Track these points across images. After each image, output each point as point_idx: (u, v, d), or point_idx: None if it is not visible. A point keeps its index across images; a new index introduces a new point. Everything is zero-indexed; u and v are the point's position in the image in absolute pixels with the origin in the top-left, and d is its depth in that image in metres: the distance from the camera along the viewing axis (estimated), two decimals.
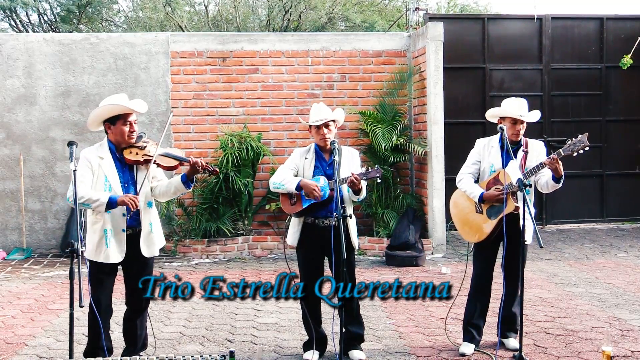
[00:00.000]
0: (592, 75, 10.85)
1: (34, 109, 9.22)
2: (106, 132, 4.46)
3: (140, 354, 4.68)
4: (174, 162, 4.46)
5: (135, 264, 4.48)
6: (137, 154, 4.39)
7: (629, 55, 9.97)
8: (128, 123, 4.39)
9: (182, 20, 17.50)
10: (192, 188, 4.50)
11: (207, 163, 4.45)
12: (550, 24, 10.68)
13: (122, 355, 4.62)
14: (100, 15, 18.68)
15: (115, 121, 4.38)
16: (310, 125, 4.88)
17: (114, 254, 4.37)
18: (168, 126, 4.60)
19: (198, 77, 9.42)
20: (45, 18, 18.74)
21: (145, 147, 4.44)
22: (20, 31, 18.35)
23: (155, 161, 4.38)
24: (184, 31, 16.59)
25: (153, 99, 9.33)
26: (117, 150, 4.43)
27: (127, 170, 4.43)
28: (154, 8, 17.48)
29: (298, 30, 16.66)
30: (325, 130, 4.81)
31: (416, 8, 13.61)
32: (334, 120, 4.86)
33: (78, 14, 17.70)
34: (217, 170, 4.52)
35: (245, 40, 9.55)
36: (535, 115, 4.94)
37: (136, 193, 4.38)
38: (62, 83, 9.25)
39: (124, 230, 4.37)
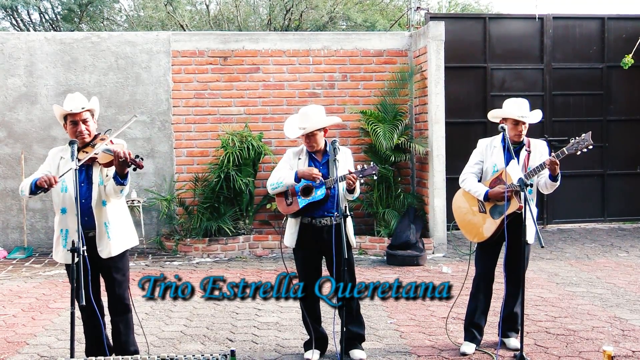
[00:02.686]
0: (594, 75, 10.85)
1: (35, 108, 9.23)
2: None
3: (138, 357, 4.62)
4: (110, 157, 4.16)
5: (101, 266, 4.39)
6: (86, 153, 4.26)
7: (630, 55, 9.96)
8: (72, 123, 4.32)
9: (184, 19, 17.52)
10: (124, 185, 4.18)
11: (133, 156, 4.06)
12: (552, 24, 10.67)
13: None
14: (101, 14, 18.72)
15: (65, 122, 4.38)
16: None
17: (67, 255, 4.22)
18: (125, 127, 4.40)
19: (199, 76, 9.42)
20: (47, 17, 18.77)
21: (95, 144, 4.28)
22: (21, 30, 18.37)
23: (96, 159, 4.20)
24: (185, 30, 16.60)
25: (154, 98, 9.34)
26: (78, 150, 4.30)
27: (84, 170, 4.32)
28: (156, 7, 17.50)
29: (299, 30, 16.67)
30: (312, 139, 4.74)
31: (417, 7, 13.62)
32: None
33: (79, 12, 17.73)
34: (142, 163, 4.09)
35: (246, 40, 9.55)
36: (536, 116, 4.94)
37: (87, 188, 4.29)
38: (64, 82, 9.25)
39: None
